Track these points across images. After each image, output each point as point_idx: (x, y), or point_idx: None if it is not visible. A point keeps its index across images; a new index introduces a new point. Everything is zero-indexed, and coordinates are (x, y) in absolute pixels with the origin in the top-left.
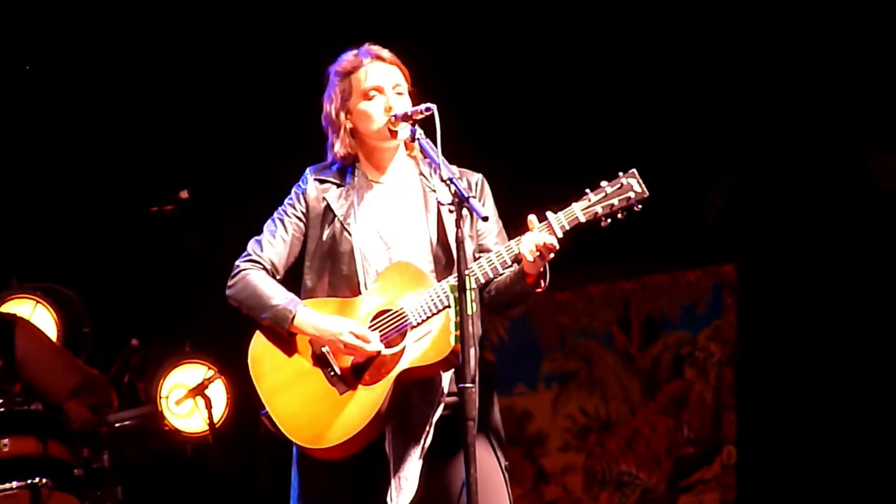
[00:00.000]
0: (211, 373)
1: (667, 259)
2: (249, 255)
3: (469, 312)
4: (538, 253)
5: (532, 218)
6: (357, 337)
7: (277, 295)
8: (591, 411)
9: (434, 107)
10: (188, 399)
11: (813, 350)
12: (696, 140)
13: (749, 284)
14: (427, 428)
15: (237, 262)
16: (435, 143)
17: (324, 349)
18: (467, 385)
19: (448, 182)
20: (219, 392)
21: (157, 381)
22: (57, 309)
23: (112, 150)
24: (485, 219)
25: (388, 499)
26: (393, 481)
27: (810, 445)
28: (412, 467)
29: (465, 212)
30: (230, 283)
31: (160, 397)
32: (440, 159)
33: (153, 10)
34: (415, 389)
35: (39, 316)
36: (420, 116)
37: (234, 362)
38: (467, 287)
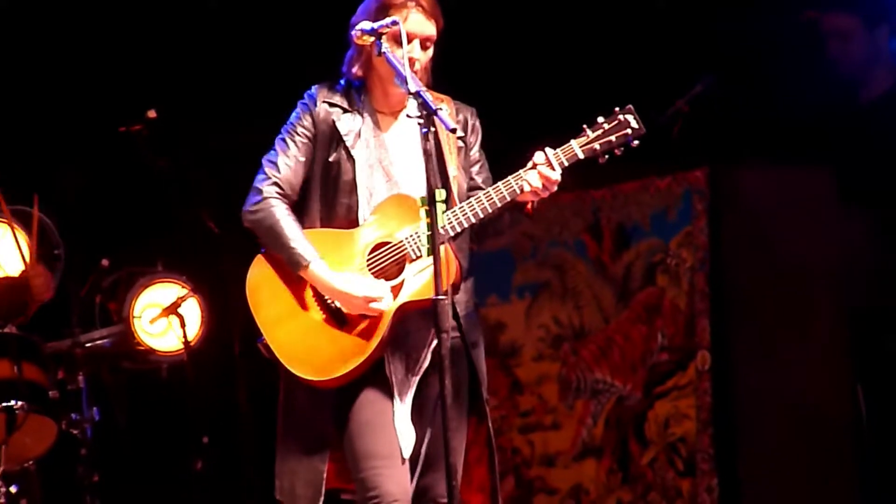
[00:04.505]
0: (184, 291)
1: (636, 166)
2: (268, 177)
3: (440, 224)
4: (542, 187)
5: (538, 154)
6: (370, 300)
7: (298, 238)
8: (565, 320)
9: (400, 20)
10: (162, 318)
11: (783, 252)
12: (663, 47)
13: (719, 190)
14: (424, 352)
15: (258, 185)
16: (402, 59)
17: None
18: (440, 297)
19: (415, 95)
20: (193, 310)
21: (130, 301)
22: (28, 232)
23: (79, 71)
24: (453, 131)
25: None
26: (395, 402)
27: (780, 348)
28: (410, 390)
29: (459, 143)
30: (253, 207)
31: (133, 317)
32: (407, 72)
33: None
34: (412, 315)
35: (10, 239)
36: (386, 30)
37: (207, 280)
38: (437, 200)
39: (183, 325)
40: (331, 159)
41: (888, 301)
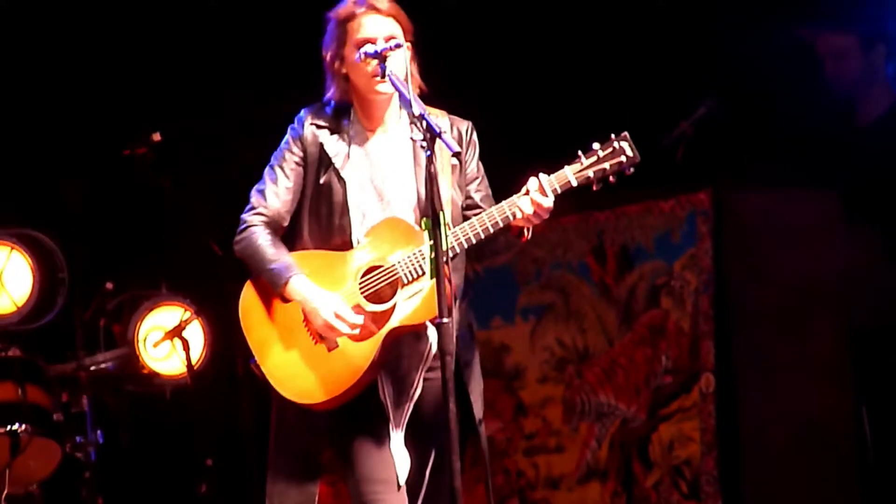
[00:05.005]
0: (188, 314)
1: (639, 189)
2: (254, 207)
3: (443, 247)
4: (534, 214)
5: (532, 180)
6: (338, 318)
7: (276, 258)
8: (569, 343)
9: (404, 43)
10: (166, 341)
11: (787, 274)
12: (668, 70)
13: (723, 212)
14: (417, 376)
15: (243, 216)
16: (406, 81)
17: None
18: (444, 320)
19: (419, 118)
20: (196, 333)
21: (134, 324)
22: (32, 255)
23: (84, 94)
24: (456, 154)
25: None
26: (391, 426)
27: (784, 371)
28: (403, 417)
29: (455, 161)
30: (238, 238)
31: (137, 340)
32: (411, 95)
33: None
34: (404, 340)
35: (15, 262)
36: (390, 53)
37: (211, 302)
38: (441, 222)
39: (186, 348)
40: (322, 181)
41: (891, 320)
